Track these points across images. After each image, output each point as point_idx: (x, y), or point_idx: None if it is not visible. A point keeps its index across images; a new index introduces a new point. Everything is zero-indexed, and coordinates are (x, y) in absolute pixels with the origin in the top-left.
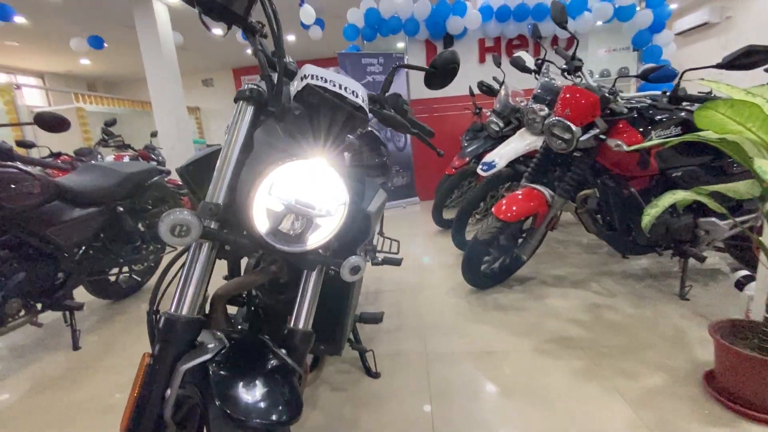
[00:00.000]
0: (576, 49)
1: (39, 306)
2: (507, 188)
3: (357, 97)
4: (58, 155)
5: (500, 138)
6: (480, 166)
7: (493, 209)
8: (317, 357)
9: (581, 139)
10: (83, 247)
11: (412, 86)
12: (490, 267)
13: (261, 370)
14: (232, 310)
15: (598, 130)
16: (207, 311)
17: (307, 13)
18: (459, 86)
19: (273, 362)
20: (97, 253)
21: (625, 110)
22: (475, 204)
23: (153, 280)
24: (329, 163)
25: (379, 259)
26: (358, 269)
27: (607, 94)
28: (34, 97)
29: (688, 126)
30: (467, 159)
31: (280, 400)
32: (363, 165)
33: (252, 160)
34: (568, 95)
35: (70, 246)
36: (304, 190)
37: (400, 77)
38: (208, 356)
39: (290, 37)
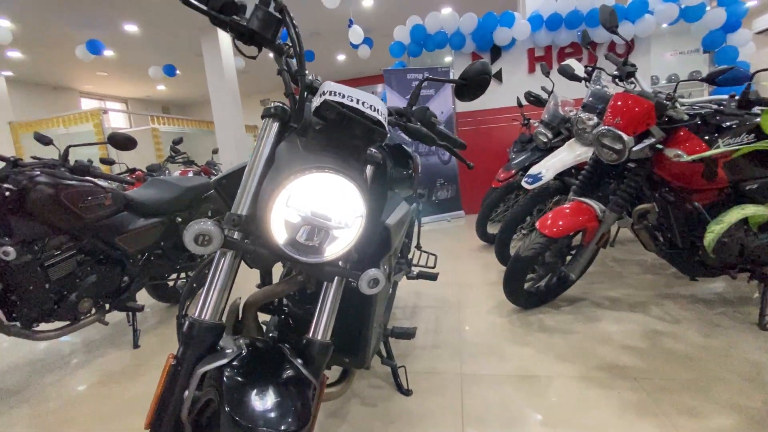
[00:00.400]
0: (629, 53)
1: (107, 306)
2: (555, 202)
3: (375, 111)
4: (133, 171)
5: (548, 150)
6: (525, 179)
7: (537, 224)
8: (346, 370)
9: (634, 149)
10: (146, 254)
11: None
12: (535, 285)
13: (274, 379)
14: (265, 317)
15: (653, 139)
16: (239, 317)
17: (356, 33)
18: (506, 98)
19: (288, 372)
20: (157, 260)
21: (686, 117)
22: (521, 218)
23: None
24: (346, 175)
25: (414, 273)
26: (377, 282)
27: (663, 101)
28: (118, 120)
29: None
30: (513, 171)
31: (290, 410)
32: (387, 178)
33: (272, 172)
34: (618, 103)
35: (135, 252)
36: (321, 202)
37: (445, 90)
38: (224, 360)
39: (340, 57)
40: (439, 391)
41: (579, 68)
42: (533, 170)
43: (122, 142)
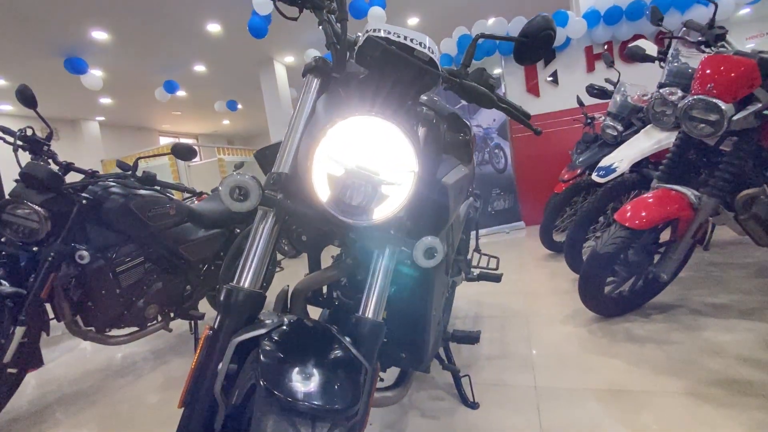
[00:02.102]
0: (715, 14)
1: (171, 314)
2: (633, 198)
3: (426, 48)
4: (200, 194)
5: (618, 144)
6: (596, 172)
7: (615, 216)
8: (404, 372)
9: (735, 118)
10: (206, 264)
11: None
12: (618, 290)
13: (319, 355)
14: (315, 312)
15: (760, 105)
16: (288, 306)
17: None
18: (564, 100)
19: (336, 352)
20: (217, 270)
21: None
22: (593, 218)
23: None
24: (395, 121)
25: (475, 274)
26: (434, 252)
27: (767, 58)
28: None
29: None
30: (579, 170)
31: (337, 387)
32: (441, 141)
33: (311, 127)
34: (708, 68)
35: (197, 262)
36: (367, 154)
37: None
38: (262, 331)
39: None
40: (510, 405)
41: (650, 47)
42: (605, 162)
43: (183, 151)
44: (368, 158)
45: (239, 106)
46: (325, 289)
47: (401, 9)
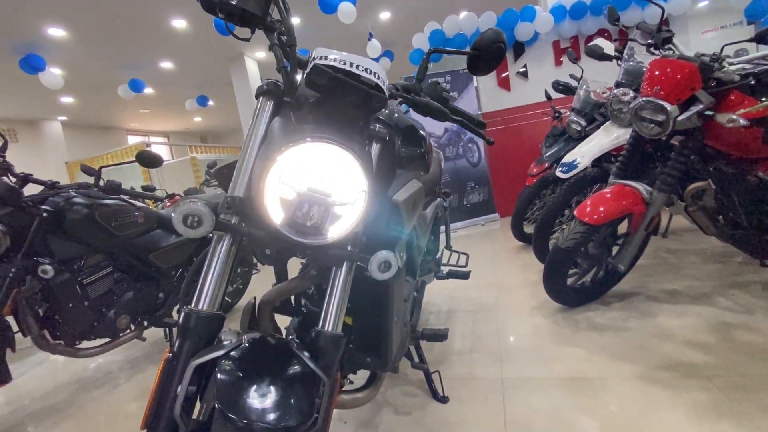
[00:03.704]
0: (662, 19)
1: (145, 323)
2: (595, 191)
3: (372, 74)
4: (172, 196)
5: (583, 139)
6: (559, 168)
7: (575, 212)
8: (373, 374)
9: (679, 119)
10: (179, 270)
11: (484, 101)
12: (580, 281)
13: (277, 373)
14: (285, 321)
15: (701, 106)
16: (256, 318)
17: (374, 47)
18: (534, 94)
19: (294, 367)
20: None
21: (737, 77)
22: (558, 211)
23: (243, 301)
24: (343, 145)
25: (444, 272)
26: (388, 265)
27: (708, 61)
28: (161, 153)
29: None
30: (547, 164)
31: (291, 405)
32: (396, 157)
33: (264, 149)
34: (656, 71)
35: (169, 269)
36: (319, 177)
37: (469, 91)
38: (220, 352)
39: None
40: (478, 398)
41: (608, 47)
42: (567, 158)
43: (149, 159)
44: (320, 181)
45: (210, 103)
46: (293, 297)
47: (372, 4)
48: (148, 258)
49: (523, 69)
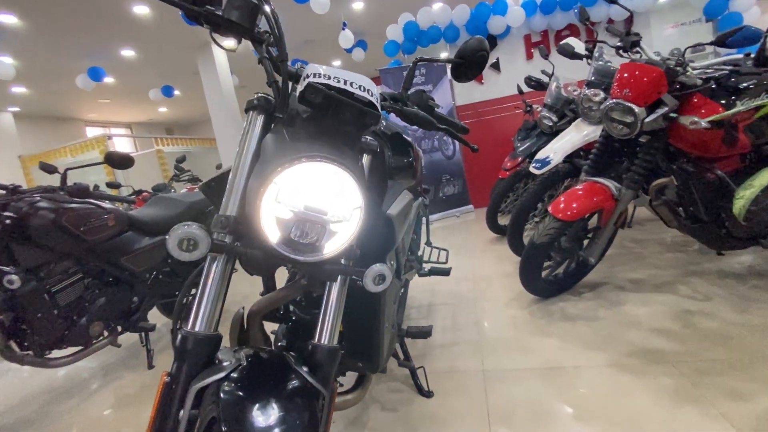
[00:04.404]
0: (632, 24)
1: (119, 328)
2: (567, 186)
3: (365, 92)
4: (139, 193)
5: (554, 134)
6: (533, 164)
7: (549, 208)
8: (362, 375)
9: (646, 120)
10: (154, 273)
11: (457, 92)
12: (553, 273)
13: (278, 391)
14: (273, 326)
15: (666, 108)
16: (245, 328)
17: (346, 38)
18: (506, 87)
19: (293, 382)
20: (166, 278)
21: (699, 81)
22: (532, 206)
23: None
24: (339, 163)
25: (426, 269)
26: (383, 278)
27: (673, 66)
28: (124, 145)
29: None
30: (520, 159)
31: (296, 423)
32: (386, 167)
33: (258, 167)
34: (625, 74)
35: (143, 272)
36: (314, 195)
37: (443, 84)
38: (221, 375)
39: (335, 62)
40: (461, 391)
41: (579, 46)
42: (540, 155)
43: (119, 160)
44: (316, 199)
45: (176, 93)
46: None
47: None
48: (120, 262)
49: (495, 61)
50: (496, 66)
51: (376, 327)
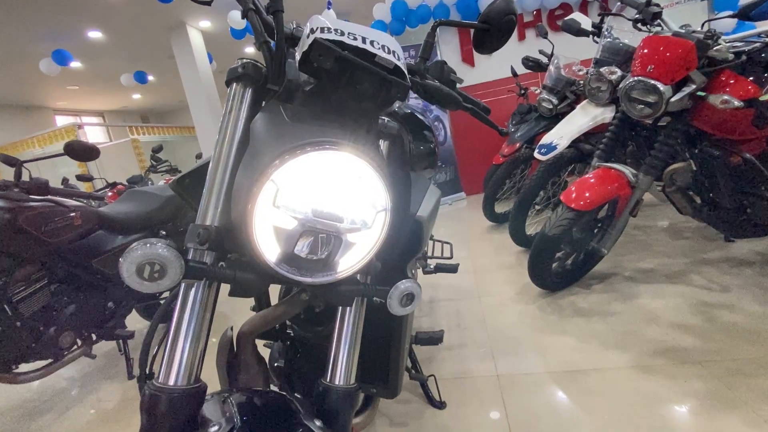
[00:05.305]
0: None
1: (93, 337)
2: (570, 172)
3: (390, 54)
4: (114, 185)
5: (553, 117)
6: (537, 150)
7: (561, 197)
8: (369, 396)
9: (672, 99)
10: None
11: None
12: (562, 265)
13: None
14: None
15: (694, 86)
16: (234, 349)
17: (329, 17)
18: (497, 69)
19: None
20: None
21: (731, 56)
22: (535, 193)
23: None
24: (358, 152)
25: (432, 266)
26: (411, 298)
27: (703, 39)
28: (97, 135)
29: None
30: (518, 144)
31: None
32: (407, 156)
33: (248, 159)
34: (649, 49)
35: (117, 274)
36: (325, 196)
37: None
38: None
39: None
40: (476, 400)
41: (585, 21)
42: (545, 139)
43: (81, 151)
44: (327, 201)
45: (150, 78)
46: None
47: None
48: (91, 265)
49: None
50: None
51: (396, 349)
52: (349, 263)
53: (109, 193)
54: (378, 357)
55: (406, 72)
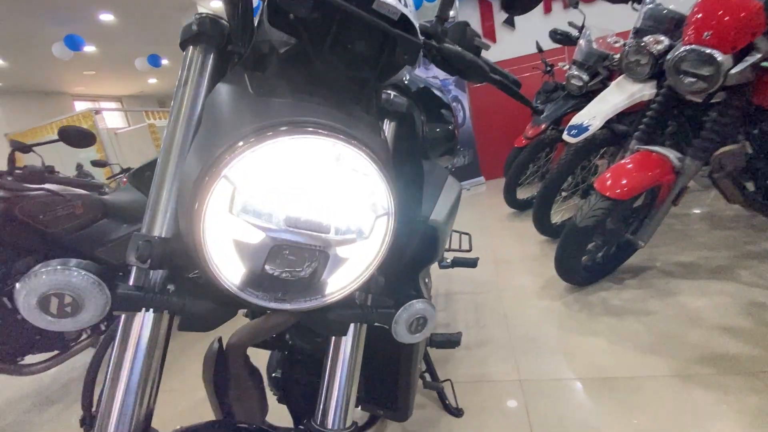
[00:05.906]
0: None
1: (102, 327)
2: (601, 156)
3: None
4: (127, 170)
5: (584, 95)
6: (567, 131)
7: (595, 184)
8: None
9: (732, 71)
10: None
11: None
12: (592, 258)
13: None
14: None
15: (759, 56)
16: (224, 362)
17: None
18: (521, 45)
19: None
20: None
21: None
22: (563, 179)
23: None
24: (349, 137)
25: (449, 261)
26: (424, 322)
27: None
28: (116, 120)
29: None
30: (543, 126)
31: None
32: (419, 141)
33: (200, 140)
34: (704, 12)
35: (123, 264)
36: (305, 199)
37: None
38: None
39: None
40: (496, 407)
41: None
42: (576, 120)
43: (76, 137)
44: (308, 206)
45: (164, 62)
46: None
47: None
48: (95, 255)
49: (507, 20)
50: (510, 22)
51: (406, 368)
52: (341, 283)
53: (124, 179)
54: (385, 377)
55: (416, 24)
